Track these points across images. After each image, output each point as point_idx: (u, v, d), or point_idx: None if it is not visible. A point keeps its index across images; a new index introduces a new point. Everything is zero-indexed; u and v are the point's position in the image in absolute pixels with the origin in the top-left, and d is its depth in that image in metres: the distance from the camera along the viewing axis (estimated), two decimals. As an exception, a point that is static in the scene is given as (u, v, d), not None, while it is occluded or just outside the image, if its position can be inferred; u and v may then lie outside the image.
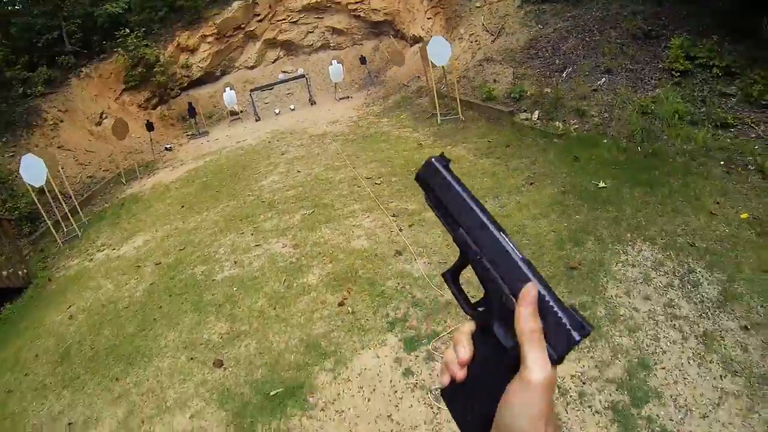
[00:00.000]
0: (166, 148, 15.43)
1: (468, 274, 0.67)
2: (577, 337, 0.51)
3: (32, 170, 9.04)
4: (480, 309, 0.62)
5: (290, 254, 6.15)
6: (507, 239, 0.60)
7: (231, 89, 17.57)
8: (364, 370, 4.08)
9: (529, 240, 5.39)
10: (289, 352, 4.48)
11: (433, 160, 0.69)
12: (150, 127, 14.66)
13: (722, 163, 6.26)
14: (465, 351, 0.60)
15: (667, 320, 4.07)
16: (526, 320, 0.53)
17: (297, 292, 5.34)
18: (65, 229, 9.54)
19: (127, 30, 16.65)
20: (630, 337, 3.95)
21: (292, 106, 17.57)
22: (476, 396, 0.58)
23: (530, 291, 0.54)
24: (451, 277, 0.68)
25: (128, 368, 4.85)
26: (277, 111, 17.36)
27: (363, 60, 18.09)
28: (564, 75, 9.27)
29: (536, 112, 8.81)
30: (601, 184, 6.24)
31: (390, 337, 4.37)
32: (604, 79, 8.53)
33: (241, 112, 18.09)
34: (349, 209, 7.01)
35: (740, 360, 3.63)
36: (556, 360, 0.52)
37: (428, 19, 16.66)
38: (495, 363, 0.56)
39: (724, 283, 4.39)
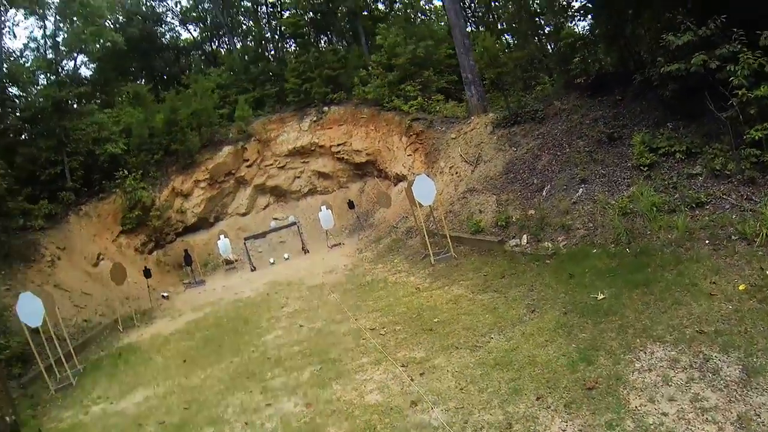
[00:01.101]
0: (163, 296, 16.53)
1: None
2: None
3: (30, 309, 9.55)
4: None
5: (303, 413, 6.53)
6: None
7: (225, 237, 19.37)
8: None
9: (541, 369, 5.93)
10: None
11: None
12: (147, 273, 16.02)
13: (707, 242, 7.15)
14: None
15: (698, 416, 4.45)
16: None
17: (316, 453, 5.68)
18: (58, 375, 9.74)
19: (126, 171, 19.02)
20: (667, 443, 4.26)
21: (286, 255, 19.06)
22: None
23: None
24: None
25: None
26: (272, 261, 18.85)
27: (351, 204, 20.15)
28: (544, 193, 10.65)
29: (524, 237, 9.96)
30: (600, 296, 7.01)
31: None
32: (581, 189, 9.84)
33: (236, 260, 19.68)
34: (358, 363, 7.57)
35: (783, 431, 3.98)
36: None
37: (408, 156, 18.79)
38: None
39: (742, 360, 4.88)
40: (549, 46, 18.42)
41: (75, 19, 19.99)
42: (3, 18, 19.64)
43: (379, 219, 18.58)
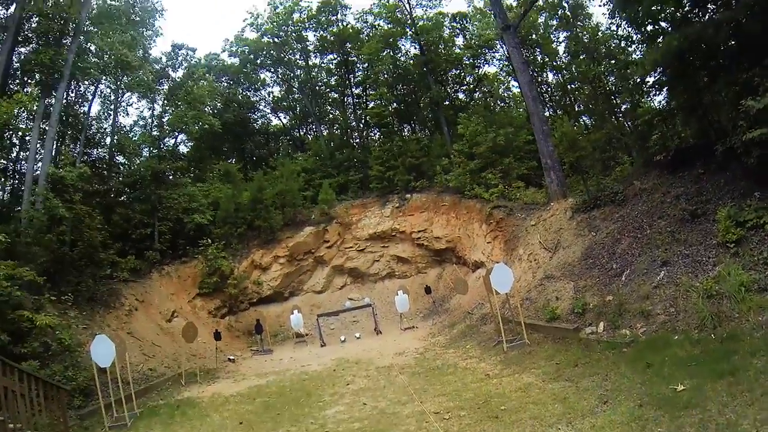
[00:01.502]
0: (229, 359, 17.10)
1: None
2: None
3: (102, 350, 10.42)
4: None
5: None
6: None
7: (298, 312, 19.95)
8: None
9: None
10: None
11: None
12: (218, 336, 16.82)
13: (803, 322, 6.44)
14: None
15: None
16: None
17: None
18: (115, 414, 10.33)
19: (209, 240, 20.73)
20: None
21: (357, 335, 19.24)
22: None
23: None
24: None
25: None
26: (342, 339, 19.01)
27: (428, 290, 20.36)
28: (623, 278, 10.24)
29: (601, 324, 9.54)
30: (680, 387, 6.46)
31: None
32: (662, 272, 9.35)
33: (307, 335, 20.05)
34: (418, 445, 7.33)
35: None
36: None
37: (488, 243, 18.85)
38: None
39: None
40: (626, 125, 18.29)
41: (179, 103, 23.25)
42: (120, 99, 23.74)
43: (455, 305, 18.49)
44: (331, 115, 35.23)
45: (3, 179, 18.63)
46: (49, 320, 11.58)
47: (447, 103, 28.88)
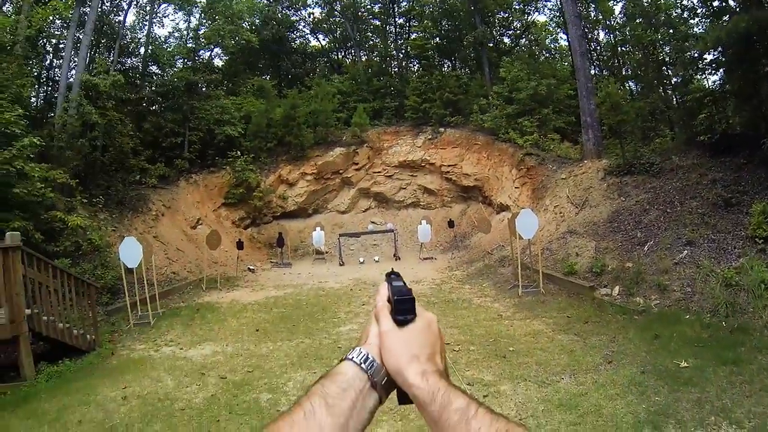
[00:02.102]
0: (249, 269, 17.65)
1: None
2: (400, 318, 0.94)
3: (130, 252, 10.64)
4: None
5: (359, 404, 6.73)
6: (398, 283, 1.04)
7: (321, 229, 20.09)
8: None
9: (604, 421, 5.70)
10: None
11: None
12: (240, 246, 17.19)
13: (816, 331, 6.43)
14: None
15: None
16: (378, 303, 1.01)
17: (366, 445, 5.92)
18: (139, 313, 10.93)
19: (239, 153, 20.69)
20: None
21: (376, 258, 19.51)
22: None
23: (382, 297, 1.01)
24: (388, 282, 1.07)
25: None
26: (361, 260, 19.31)
27: (451, 224, 20.27)
28: (645, 248, 10.14)
29: (617, 288, 9.58)
30: (683, 364, 6.58)
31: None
32: (686, 251, 9.26)
33: (326, 253, 20.38)
34: (426, 371, 7.66)
35: None
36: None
37: (516, 188, 18.66)
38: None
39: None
40: (674, 98, 17.41)
41: (217, 17, 22.36)
42: (155, 9, 23.08)
43: (475, 242, 18.56)
44: (371, 42, 33.52)
45: (37, 86, 18.29)
46: (81, 221, 11.87)
47: (491, 44, 27.40)
